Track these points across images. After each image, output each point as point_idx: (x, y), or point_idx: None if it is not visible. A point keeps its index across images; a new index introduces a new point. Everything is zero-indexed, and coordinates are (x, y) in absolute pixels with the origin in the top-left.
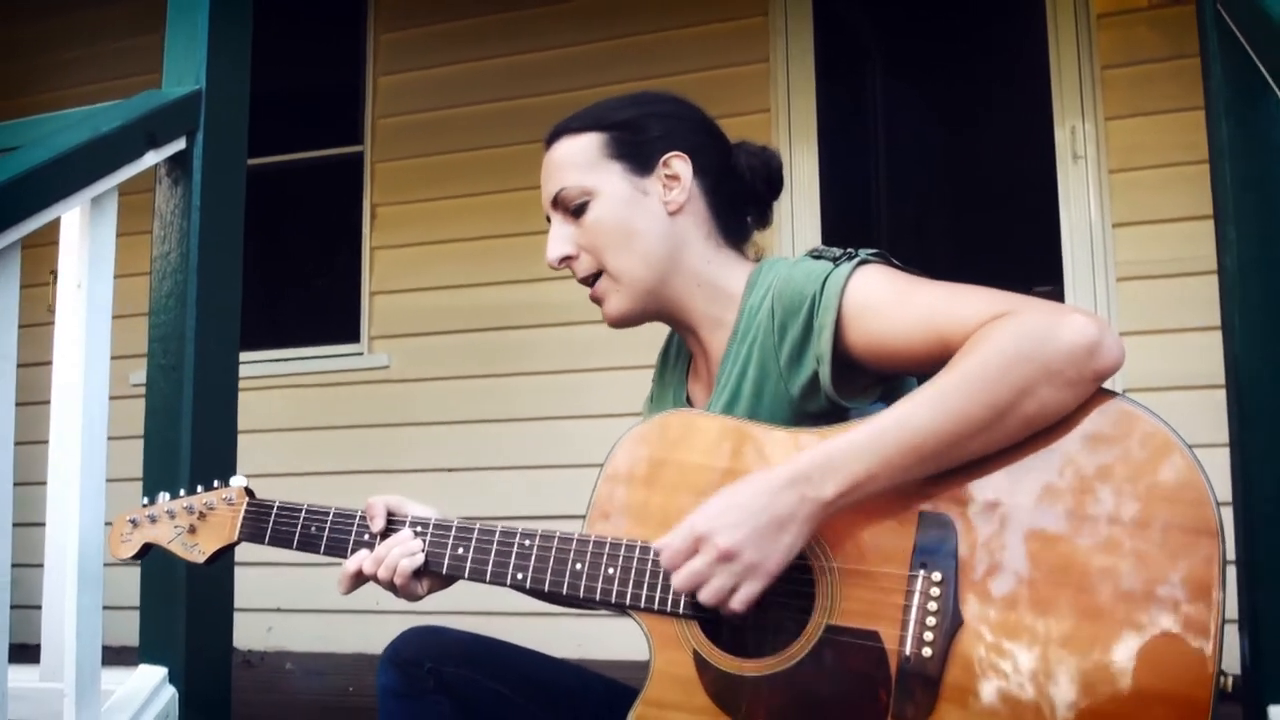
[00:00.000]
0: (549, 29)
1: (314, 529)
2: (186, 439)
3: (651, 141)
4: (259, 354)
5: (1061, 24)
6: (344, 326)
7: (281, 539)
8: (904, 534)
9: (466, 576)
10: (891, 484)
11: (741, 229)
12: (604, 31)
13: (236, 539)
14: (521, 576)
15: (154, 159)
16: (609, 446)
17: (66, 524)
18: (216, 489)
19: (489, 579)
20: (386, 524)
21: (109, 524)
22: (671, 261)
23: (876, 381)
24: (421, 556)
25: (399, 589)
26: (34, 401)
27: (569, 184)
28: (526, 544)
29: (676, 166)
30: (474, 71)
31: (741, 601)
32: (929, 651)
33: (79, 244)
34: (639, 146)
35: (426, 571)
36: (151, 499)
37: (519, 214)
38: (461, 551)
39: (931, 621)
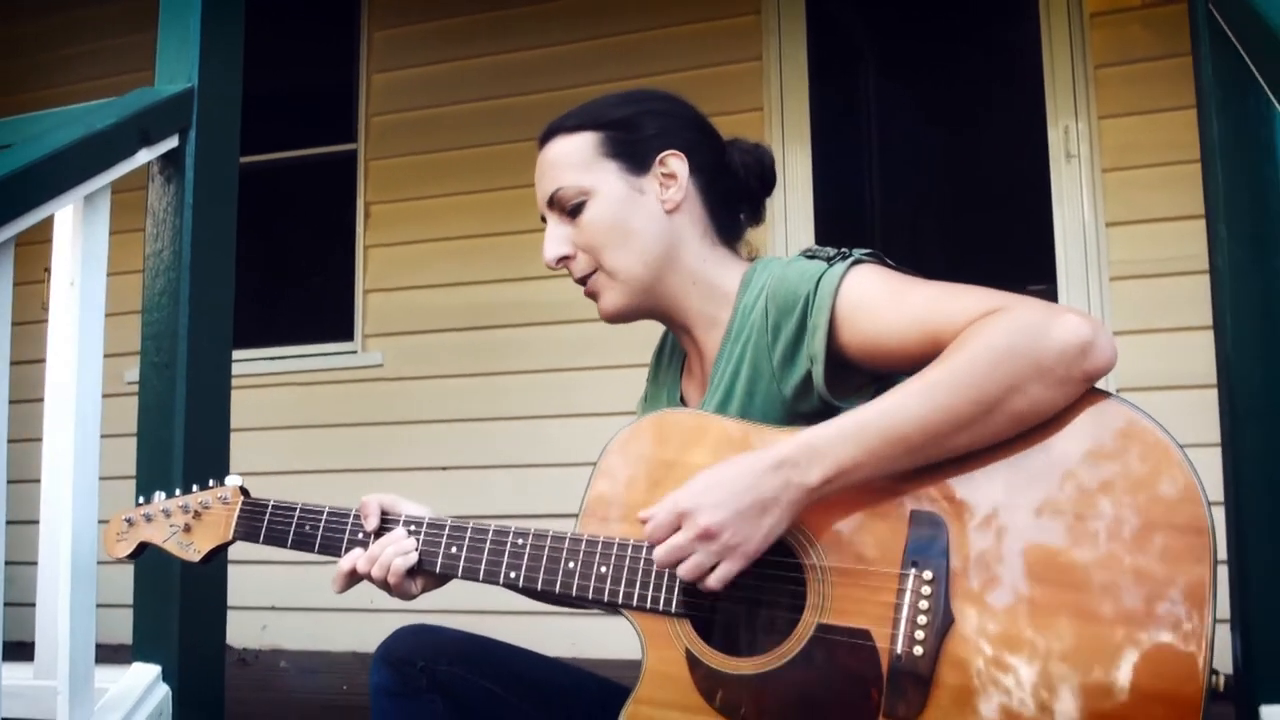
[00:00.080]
0: (542, 27)
1: (308, 528)
2: (180, 437)
3: (647, 140)
4: (252, 352)
5: (1055, 23)
6: (337, 325)
7: (276, 538)
8: (896, 533)
9: (460, 575)
10: (877, 473)
11: (735, 227)
12: (597, 29)
13: (231, 538)
14: (514, 575)
15: (147, 156)
16: (602, 445)
17: (60, 522)
18: (212, 488)
19: (482, 578)
20: (380, 523)
21: (103, 522)
22: (668, 260)
23: (870, 381)
24: (415, 555)
25: (393, 588)
26: (29, 399)
27: (565, 184)
28: (519, 543)
29: (673, 165)
30: (468, 69)
31: (718, 580)
32: (920, 650)
33: (72, 241)
34: (634, 145)
35: (420, 570)
36: (147, 498)
37: (513, 212)
38: (455, 550)
39: (923, 620)
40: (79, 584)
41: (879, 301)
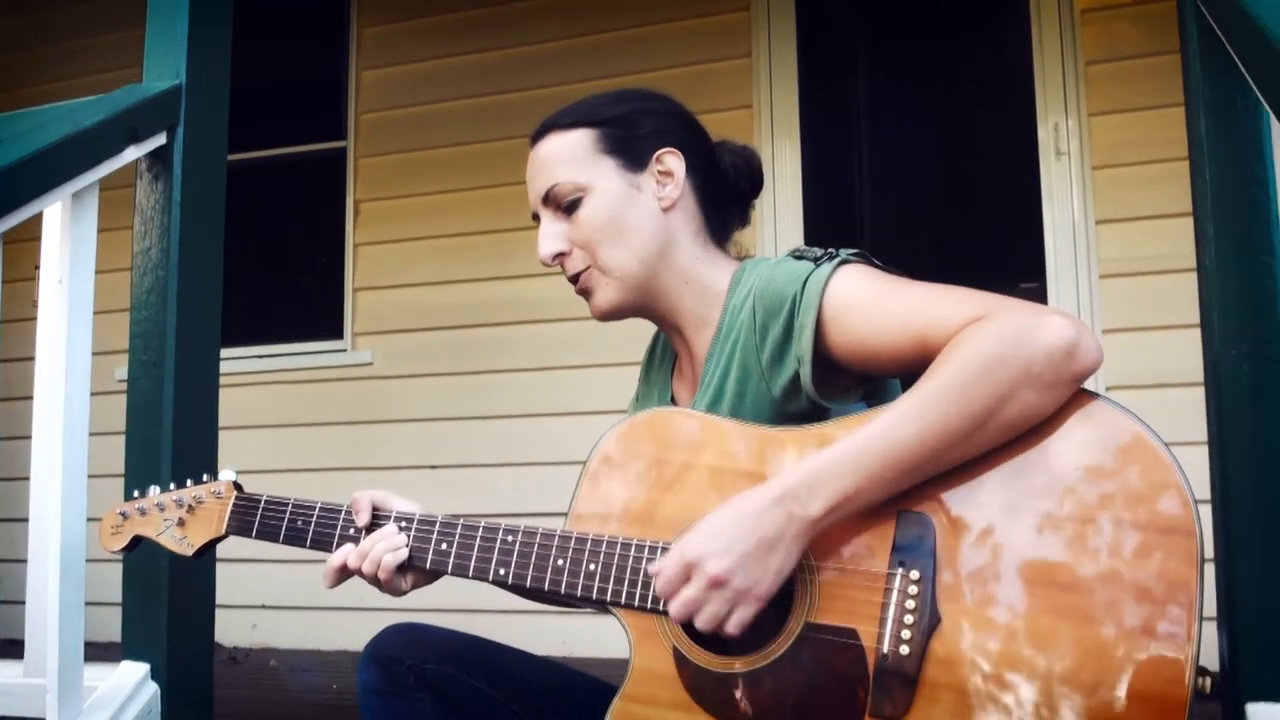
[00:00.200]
0: (532, 24)
1: (300, 523)
2: (168, 436)
3: (643, 137)
4: (241, 350)
5: (1045, 20)
6: (327, 323)
7: (268, 533)
8: (883, 532)
9: (449, 572)
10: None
11: (726, 227)
12: (587, 26)
13: (224, 532)
14: (504, 572)
15: (134, 154)
16: (592, 443)
17: (49, 520)
18: (205, 482)
19: (471, 574)
20: (371, 519)
21: (91, 520)
22: (663, 258)
23: (858, 382)
24: (405, 551)
25: (383, 583)
26: (18, 397)
27: (562, 180)
28: (509, 540)
29: (669, 163)
30: (457, 66)
31: (736, 626)
32: (907, 649)
33: (60, 239)
34: (631, 142)
35: (410, 566)
36: (141, 492)
37: (504, 209)
38: (445, 547)
39: (909, 619)
40: (68, 582)
41: (865, 303)
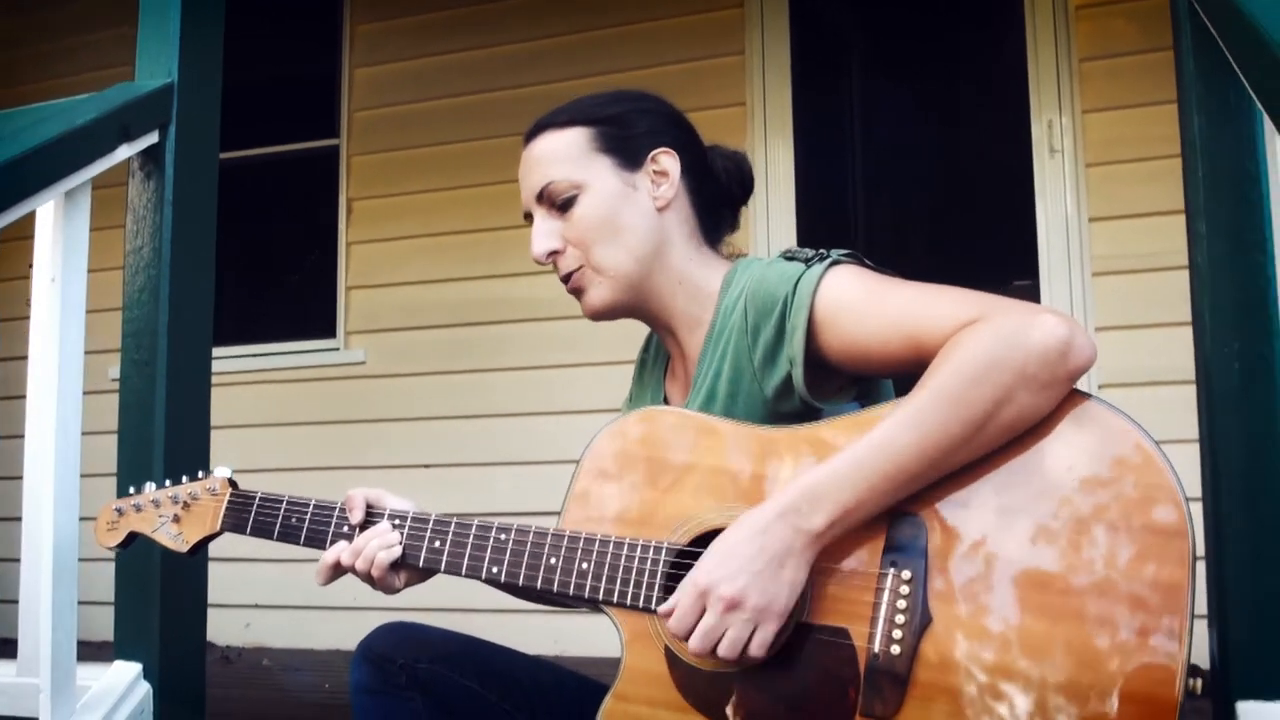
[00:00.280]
0: (525, 21)
1: (294, 520)
2: (160, 434)
3: (639, 137)
4: (234, 349)
5: (1039, 17)
6: (320, 322)
7: (263, 529)
8: (875, 532)
9: (443, 570)
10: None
11: (719, 228)
12: (580, 24)
13: (219, 529)
14: (497, 570)
15: (127, 152)
16: (585, 442)
17: (42, 519)
18: (201, 479)
19: (464, 572)
20: (365, 516)
21: (85, 519)
22: (657, 258)
23: (851, 382)
24: (399, 549)
25: (376, 581)
26: (12, 396)
27: (557, 178)
28: (502, 538)
29: (665, 163)
30: (450, 64)
31: (760, 647)
32: (897, 649)
33: (53, 238)
34: (627, 141)
35: (404, 564)
36: (137, 488)
37: (497, 207)
38: (438, 545)
39: (900, 619)
40: (60, 582)
41: (857, 303)
